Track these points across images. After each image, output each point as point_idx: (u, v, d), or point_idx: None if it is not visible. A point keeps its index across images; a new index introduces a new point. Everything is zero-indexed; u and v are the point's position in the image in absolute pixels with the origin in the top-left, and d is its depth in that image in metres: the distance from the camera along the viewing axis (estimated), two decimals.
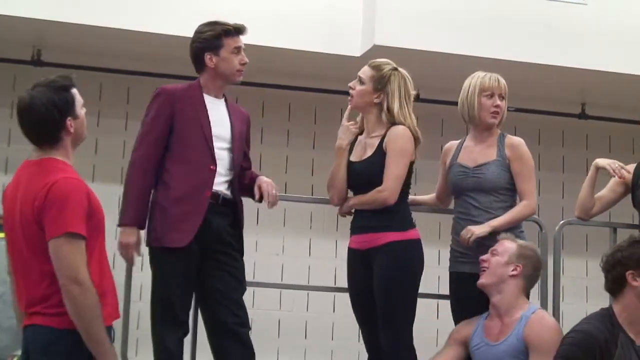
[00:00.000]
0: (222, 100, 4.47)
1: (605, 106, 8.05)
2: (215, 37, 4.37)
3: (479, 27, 6.96)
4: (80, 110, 3.36)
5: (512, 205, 4.52)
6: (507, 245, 4.32)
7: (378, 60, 4.49)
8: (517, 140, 4.58)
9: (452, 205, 4.81)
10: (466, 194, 4.55)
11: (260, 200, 4.45)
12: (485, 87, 4.55)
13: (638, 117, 8.15)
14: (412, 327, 4.32)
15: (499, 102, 4.55)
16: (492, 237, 4.39)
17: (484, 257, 4.33)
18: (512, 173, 4.52)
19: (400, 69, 4.42)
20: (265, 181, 4.46)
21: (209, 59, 4.36)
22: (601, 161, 4.83)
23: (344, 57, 6.73)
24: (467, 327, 4.40)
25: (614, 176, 4.78)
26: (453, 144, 4.75)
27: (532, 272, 4.34)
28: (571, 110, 8.12)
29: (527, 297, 4.39)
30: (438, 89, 7.25)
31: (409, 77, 4.41)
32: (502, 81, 4.59)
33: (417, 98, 4.49)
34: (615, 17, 7.20)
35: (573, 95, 7.95)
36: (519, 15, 7.05)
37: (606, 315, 3.97)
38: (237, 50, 4.38)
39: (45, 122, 3.26)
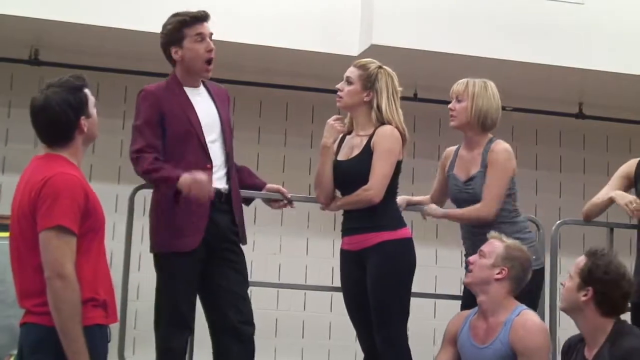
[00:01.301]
0: (202, 87, 4.40)
1: (602, 106, 8.04)
2: (175, 29, 4.29)
3: (478, 27, 6.95)
4: (93, 110, 3.38)
5: (507, 209, 4.51)
6: (495, 246, 4.27)
7: (362, 60, 4.52)
8: (497, 148, 4.53)
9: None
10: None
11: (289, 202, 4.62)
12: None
13: (635, 117, 8.16)
14: (406, 325, 4.32)
15: (451, 105, 4.59)
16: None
17: (470, 258, 4.31)
18: None
19: (385, 66, 4.44)
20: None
21: (175, 52, 4.31)
22: (619, 198, 4.75)
23: (342, 56, 6.71)
24: (456, 323, 4.39)
25: (631, 216, 4.74)
26: (451, 150, 4.77)
27: (520, 273, 4.25)
28: (569, 109, 8.10)
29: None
30: (436, 88, 7.23)
31: (395, 74, 4.43)
32: (457, 85, 4.58)
33: (415, 98, 4.50)
34: (613, 17, 7.19)
35: (570, 95, 7.93)
36: (518, 15, 7.03)
37: None
38: (200, 37, 4.29)
39: (59, 122, 3.29)
